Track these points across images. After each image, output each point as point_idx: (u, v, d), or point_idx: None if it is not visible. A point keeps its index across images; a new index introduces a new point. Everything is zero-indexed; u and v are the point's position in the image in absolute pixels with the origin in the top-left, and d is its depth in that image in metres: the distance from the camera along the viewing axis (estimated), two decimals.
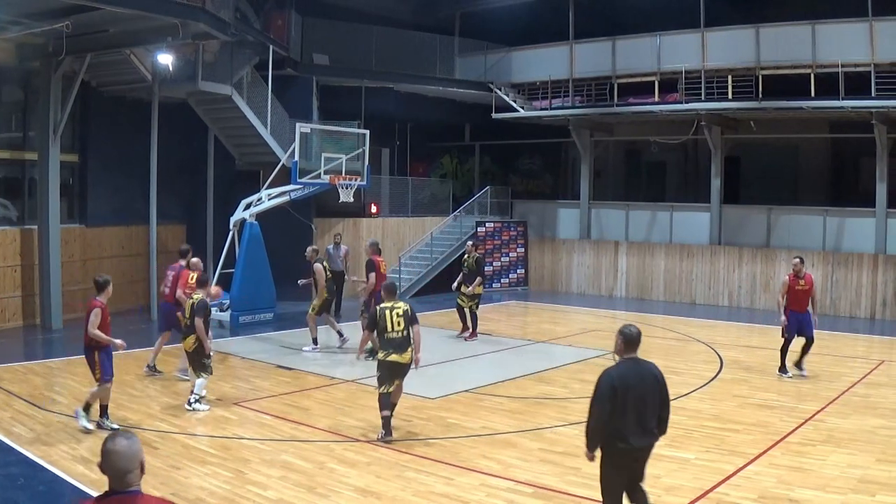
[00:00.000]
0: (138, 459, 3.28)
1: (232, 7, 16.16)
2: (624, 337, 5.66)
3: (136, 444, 3.30)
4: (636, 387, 5.53)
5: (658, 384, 5.64)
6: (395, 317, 8.60)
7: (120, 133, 18.09)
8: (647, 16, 20.55)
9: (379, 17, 22.75)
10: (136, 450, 3.29)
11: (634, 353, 5.68)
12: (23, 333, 15.28)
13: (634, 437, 5.52)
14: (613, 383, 5.47)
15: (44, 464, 7.64)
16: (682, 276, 21.29)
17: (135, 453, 3.27)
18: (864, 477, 7.44)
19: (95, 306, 8.68)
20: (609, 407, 5.45)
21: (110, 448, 3.25)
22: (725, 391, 11.10)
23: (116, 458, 3.23)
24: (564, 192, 26.47)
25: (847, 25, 17.60)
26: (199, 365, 9.74)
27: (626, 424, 5.47)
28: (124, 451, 3.24)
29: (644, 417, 5.54)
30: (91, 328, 8.61)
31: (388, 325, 8.58)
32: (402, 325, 8.59)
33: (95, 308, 8.67)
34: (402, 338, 8.61)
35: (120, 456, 3.23)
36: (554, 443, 8.63)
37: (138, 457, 3.29)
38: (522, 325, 18.17)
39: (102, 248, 17.92)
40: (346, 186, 16.92)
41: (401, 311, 8.66)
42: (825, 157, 22.10)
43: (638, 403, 5.51)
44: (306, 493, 7.04)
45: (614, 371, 5.58)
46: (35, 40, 14.75)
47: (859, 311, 18.45)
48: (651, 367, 5.70)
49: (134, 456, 3.26)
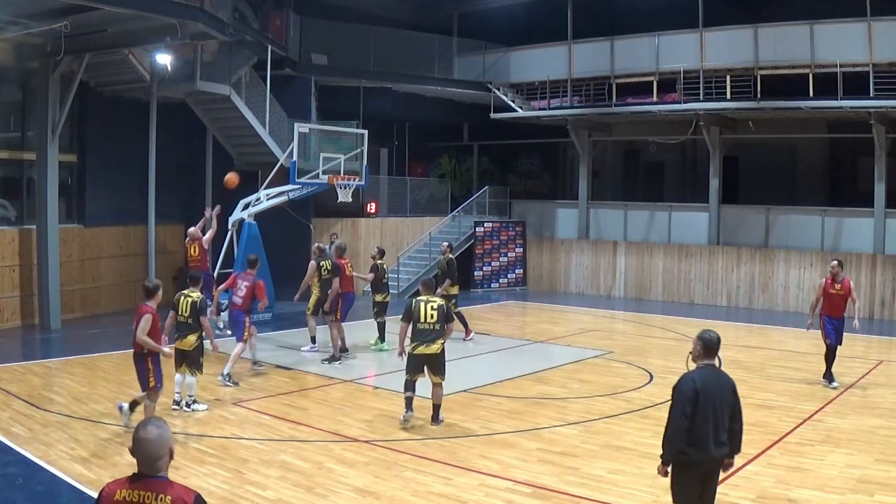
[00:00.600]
0: (168, 446, 3.40)
1: (230, 7, 16.14)
2: (703, 342, 5.43)
3: (166, 432, 3.41)
4: (715, 394, 5.30)
5: (734, 395, 5.42)
6: (429, 310, 9.12)
7: (118, 133, 18.07)
8: (646, 16, 20.57)
9: (377, 18, 22.77)
10: (167, 437, 3.40)
11: (712, 359, 5.45)
12: (21, 333, 15.26)
13: (711, 447, 5.26)
14: (696, 386, 5.24)
15: (42, 464, 7.63)
16: (680, 276, 21.30)
17: (165, 440, 3.39)
18: (862, 477, 7.44)
19: (146, 312, 8.34)
20: (690, 410, 5.21)
21: (142, 436, 3.36)
22: None
23: (147, 445, 3.35)
24: (563, 192, 26.48)
25: (845, 25, 17.62)
26: (197, 364, 9.71)
27: (705, 432, 5.23)
28: (155, 438, 3.36)
29: (718, 427, 5.30)
30: (140, 334, 8.30)
31: (420, 316, 9.10)
32: (436, 319, 9.09)
33: (146, 314, 8.32)
34: (434, 330, 9.09)
35: (151, 443, 3.35)
36: (552, 443, 8.63)
37: (168, 444, 3.40)
38: (521, 325, 18.16)
39: (101, 248, 17.90)
40: (344, 186, 16.92)
41: (436, 305, 9.18)
42: (823, 157, 22.12)
43: (716, 411, 5.28)
44: (305, 493, 7.03)
45: (696, 375, 5.33)
46: (33, 40, 14.73)
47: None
48: (728, 377, 5.48)
49: (164, 443, 3.38)
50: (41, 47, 14.92)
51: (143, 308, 8.39)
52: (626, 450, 8.33)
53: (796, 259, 19.46)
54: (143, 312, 8.34)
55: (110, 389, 10.75)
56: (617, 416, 9.68)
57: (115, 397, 10.22)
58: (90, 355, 13.01)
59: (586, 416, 9.71)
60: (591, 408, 10.09)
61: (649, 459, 8.01)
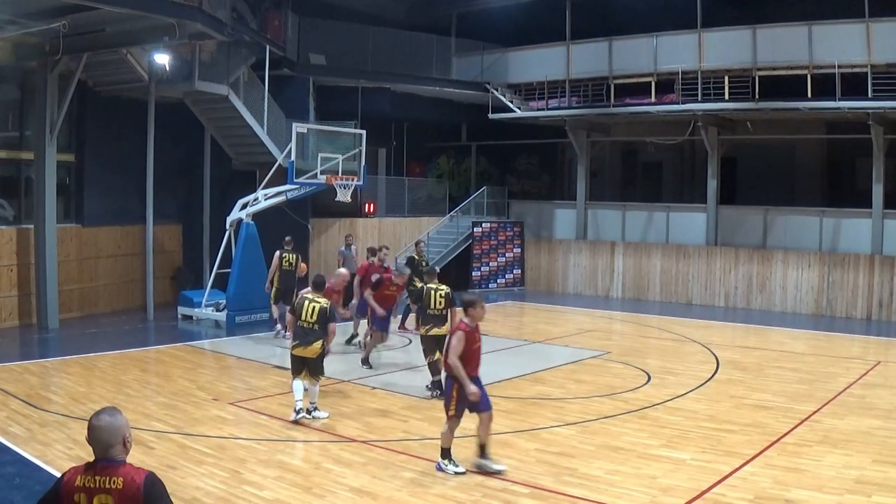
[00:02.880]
0: (121, 434, 3.53)
1: (228, 7, 16.12)
2: None
3: (119, 420, 3.55)
4: None
5: None
6: (437, 297, 10.40)
7: (116, 133, 18.06)
8: (644, 16, 20.56)
9: (376, 18, 22.76)
10: (119, 425, 3.54)
11: None
12: (19, 333, 15.25)
13: None
14: None
15: (40, 463, 7.61)
16: (678, 276, 21.30)
17: (117, 428, 3.53)
18: (860, 478, 7.44)
19: (459, 329, 7.70)
20: None
21: (94, 423, 3.52)
22: (721, 392, 11.11)
23: (100, 433, 3.51)
24: (561, 192, 26.47)
25: (844, 26, 17.63)
26: (320, 369, 9.46)
27: None
28: (107, 426, 3.52)
29: None
30: (452, 355, 7.51)
31: (431, 302, 10.38)
32: (444, 305, 10.38)
33: (458, 331, 7.66)
34: (443, 315, 10.38)
35: (103, 430, 3.51)
36: (550, 443, 8.63)
37: (121, 432, 3.54)
38: (519, 326, 18.16)
39: (99, 247, 17.90)
40: (342, 186, 16.92)
41: (443, 292, 10.49)
42: (822, 157, 22.12)
43: None
44: (302, 493, 7.03)
45: None
46: (32, 40, 14.72)
47: (855, 312, 18.48)
48: None
49: (117, 430, 3.52)
50: (39, 47, 14.91)
51: (459, 325, 7.77)
52: (624, 450, 8.33)
53: (794, 260, 19.47)
54: (457, 329, 7.70)
55: (108, 389, 10.75)
56: (614, 417, 9.68)
57: (113, 397, 10.25)
58: (88, 355, 13.01)
59: (584, 416, 9.71)
60: (588, 408, 10.09)
61: (647, 460, 8.03)
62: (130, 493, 3.42)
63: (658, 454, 8.18)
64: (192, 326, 16.74)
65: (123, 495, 3.42)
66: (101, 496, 3.44)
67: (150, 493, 3.44)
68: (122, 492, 3.42)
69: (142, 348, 14.06)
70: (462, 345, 7.54)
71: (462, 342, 7.54)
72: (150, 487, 3.45)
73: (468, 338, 7.60)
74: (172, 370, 12.17)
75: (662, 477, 7.49)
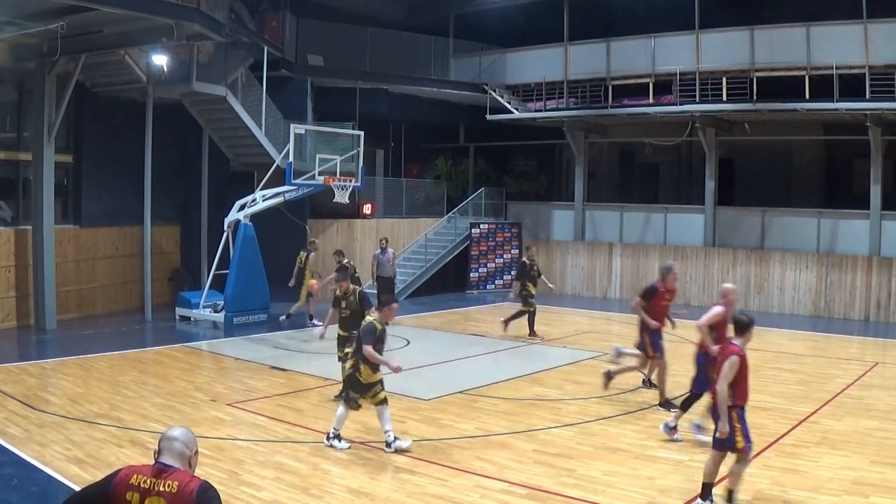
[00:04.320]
0: (192, 448, 3.67)
1: (226, 8, 16.12)
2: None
3: (192, 435, 3.72)
4: None
5: None
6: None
7: (114, 134, 18.06)
8: (642, 17, 20.56)
9: (373, 19, 22.74)
10: (193, 439, 3.71)
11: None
12: (17, 334, 15.24)
13: None
14: None
15: (37, 464, 7.61)
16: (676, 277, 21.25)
17: (191, 440, 3.68)
18: (858, 479, 7.45)
19: (731, 353, 6.62)
20: None
21: (170, 434, 3.67)
22: None
23: (172, 442, 3.63)
24: (559, 193, 26.48)
25: (842, 27, 17.64)
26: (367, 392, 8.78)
27: None
28: (182, 435, 3.66)
29: None
30: (721, 382, 6.55)
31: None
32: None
33: (733, 356, 6.59)
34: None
35: (176, 440, 3.64)
36: (548, 444, 8.63)
37: (193, 445, 3.68)
38: (517, 327, 18.14)
39: (96, 248, 17.89)
40: (340, 187, 16.92)
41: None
42: (819, 158, 22.14)
43: None
44: (300, 494, 7.03)
45: None
46: (30, 41, 14.72)
47: (853, 313, 18.50)
48: None
49: (191, 442, 3.67)
50: (37, 48, 14.91)
51: (730, 348, 6.68)
52: (622, 451, 8.33)
53: (792, 261, 19.49)
54: (728, 353, 6.62)
55: (106, 390, 10.74)
56: (612, 418, 9.69)
57: (111, 398, 10.24)
58: (85, 356, 12.99)
59: (582, 417, 9.72)
60: (586, 409, 10.10)
61: (644, 461, 8.04)
62: (183, 498, 3.41)
63: (656, 455, 8.19)
64: (189, 327, 16.73)
65: (176, 499, 3.42)
66: (153, 499, 3.45)
67: (202, 501, 3.43)
68: (175, 496, 3.42)
69: (140, 349, 14.05)
70: (734, 371, 6.56)
71: (735, 368, 6.56)
72: (203, 494, 3.43)
73: (743, 363, 6.61)
74: (170, 371, 12.16)
75: (660, 478, 7.50)
